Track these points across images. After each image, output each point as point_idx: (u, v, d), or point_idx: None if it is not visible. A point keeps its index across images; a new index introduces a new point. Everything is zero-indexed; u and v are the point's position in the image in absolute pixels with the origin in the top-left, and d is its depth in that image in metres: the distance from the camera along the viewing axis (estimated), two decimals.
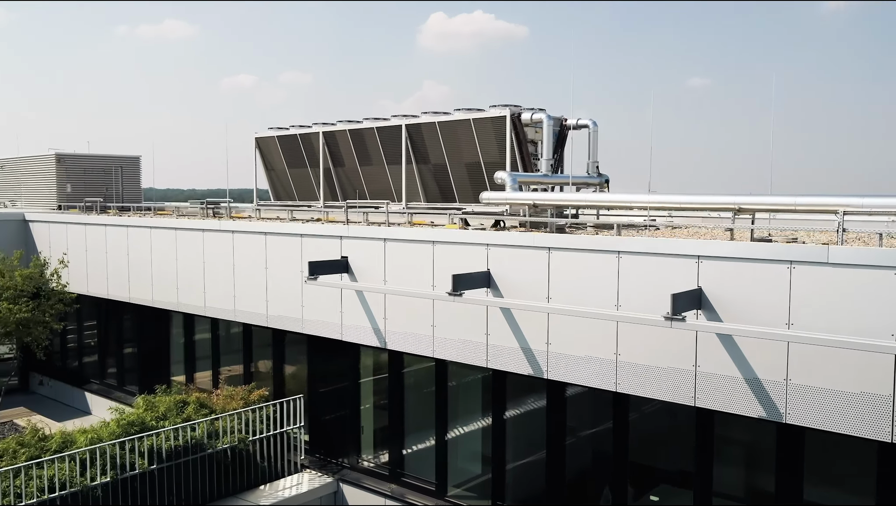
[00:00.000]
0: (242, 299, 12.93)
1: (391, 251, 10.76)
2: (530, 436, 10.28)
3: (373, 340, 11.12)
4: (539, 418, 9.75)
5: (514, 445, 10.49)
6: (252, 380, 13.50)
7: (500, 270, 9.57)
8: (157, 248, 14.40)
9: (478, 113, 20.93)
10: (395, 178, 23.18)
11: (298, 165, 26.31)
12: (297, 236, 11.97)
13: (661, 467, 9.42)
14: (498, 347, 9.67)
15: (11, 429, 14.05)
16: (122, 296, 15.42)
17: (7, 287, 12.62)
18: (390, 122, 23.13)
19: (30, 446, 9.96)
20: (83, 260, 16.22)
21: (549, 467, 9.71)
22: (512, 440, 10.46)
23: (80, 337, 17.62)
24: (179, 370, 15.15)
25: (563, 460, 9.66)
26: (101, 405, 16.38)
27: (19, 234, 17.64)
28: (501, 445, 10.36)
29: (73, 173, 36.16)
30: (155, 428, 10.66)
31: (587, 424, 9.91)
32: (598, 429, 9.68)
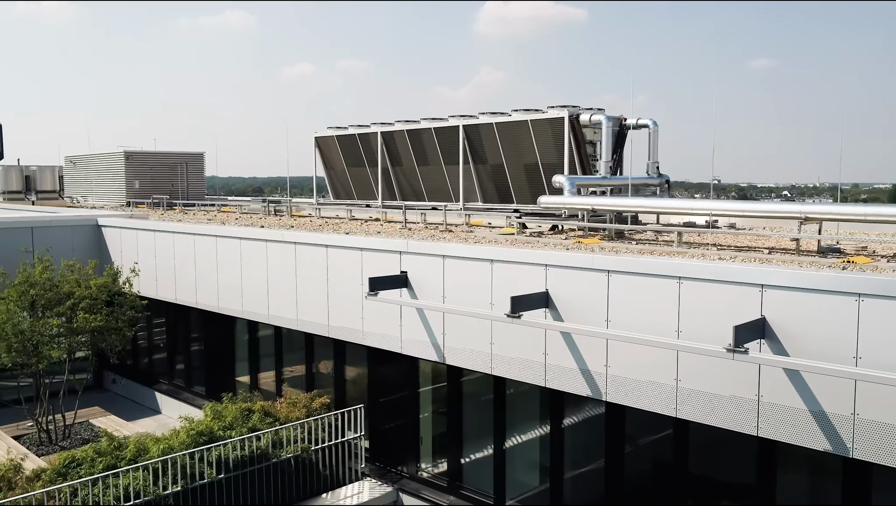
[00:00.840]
0: (304, 309, 13.23)
1: (450, 268, 10.86)
2: (588, 445, 10.31)
3: (432, 354, 11.27)
4: (598, 426, 9.73)
5: (572, 454, 10.53)
6: (314, 387, 13.83)
7: (559, 291, 9.58)
8: (223, 256, 14.82)
9: (536, 114, 20.85)
10: (453, 178, 23.29)
11: (357, 164, 26.67)
12: (357, 250, 12.17)
13: (723, 481, 9.32)
14: (556, 368, 9.70)
15: (87, 429, 14.71)
16: (189, 301, 15.93)
17: (84, 297, 13.17)
18: (448, 122, 23.23)
19: (106, 455, 10.44)
20: (152, 265, 16.80)
21: (607, 483, 9.72)
22: (570, 449, 10.51)
23: (150, 338, 18.28)
24: (244, 370, 15.61)
25: (622, 475, 9.66)
26: (171, 405, 17.03)
27: (93, 238, 18.33)
28: (559, 458, 10.42)
29: (141, 170, 37.38)
30: (222, 438, 11.04)
31: (647, 431, 9.83)
32: (658, 436, 9.59)
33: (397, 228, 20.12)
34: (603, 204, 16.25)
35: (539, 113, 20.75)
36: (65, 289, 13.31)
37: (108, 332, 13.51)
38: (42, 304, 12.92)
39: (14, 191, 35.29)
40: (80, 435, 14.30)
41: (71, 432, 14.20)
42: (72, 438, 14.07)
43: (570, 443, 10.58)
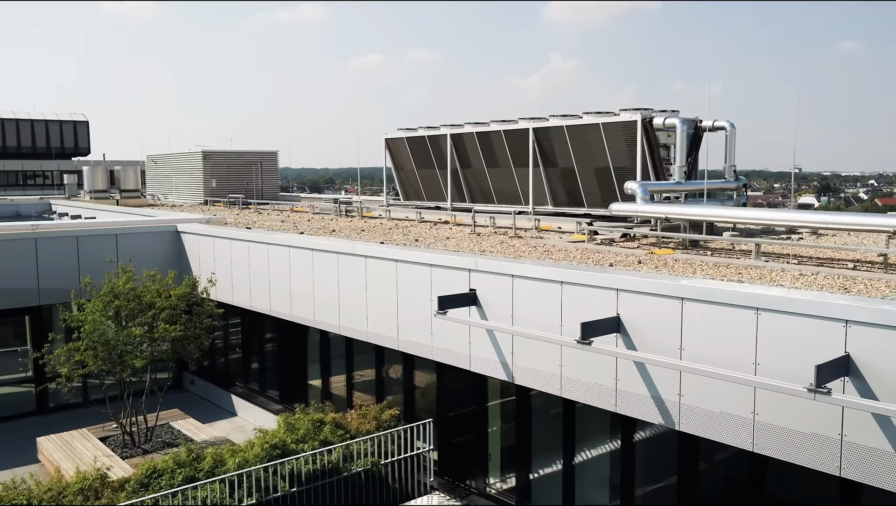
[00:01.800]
0: (374, 322, 13.39)
1: (519, 288, 10.78)
2: (660, 461, 10.13)
3: (500, 373, 11.24)
4: (670, 441, 9.52)
5: (643, 470, 10.37)
6: (384, 396, 14.01)
7: (630, 317, 9.40)
8: (296, 266, 15.11)
9: (608, 117, 20.49)
10: (522, 180, 23.14)
11: (426, 165, 26.77)
12: (426, 266, 12.21)
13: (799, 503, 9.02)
14: (627, 393, 9.54)
15: (168, 431, 15.28)
16: (263, 308, 16.33)
17: (164, 307, 13.66)
18: (518, 124, 23.07)
19: (185, 467, 10.83)
20: (228, 271, 17.27)
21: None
22: (641, 465, 10.35)
23: (227, 340, 18.82)
24: (316, 375, 15.93)
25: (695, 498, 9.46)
26: (245, 408, 17.53)
27: (172, 244, 18.96)
28: (630, 474, 10.28)
29: (218, 169, 38.47)
30: (295, 451, 11.30)
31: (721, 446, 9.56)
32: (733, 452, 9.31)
33: (466, 232, 20.15)
34: (676, 213, 15.88)
35: (611, 116, 20.38)
36: (147, 299, 13.82)
37: (186, 340, 13.96)
38: (125, 314, 13.45)
39: (100, 190, 36.81)
40: (161, 438, 14.85)
41: (152, 435, 14.76)
42: (153, 440, 14.63)
43: (641, 459, 10.42)
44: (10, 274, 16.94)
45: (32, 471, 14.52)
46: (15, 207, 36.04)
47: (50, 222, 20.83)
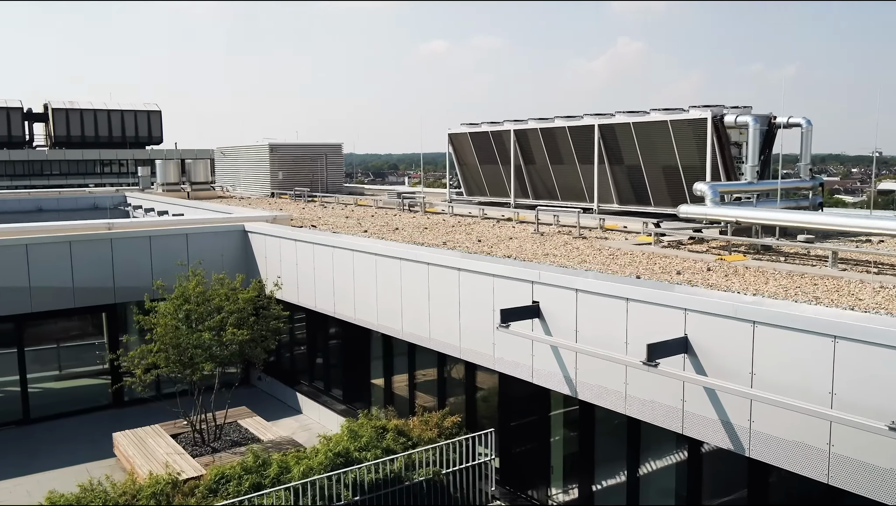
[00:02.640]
0: (437, 329, 13.40)
1: (583, 302, 10.61)
2: (729, 473, 9.86)
3: (563, 387, 11.11)
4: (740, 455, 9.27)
5: (711, 482, 10.12)
6: (445, 402, 14.04)
7: (699, 338, 9.13)
8: (359, 270, 15.23)
9: (676, 114, 19.96)
10: (587, 177, 22.79)
11: (490, 161, 26.63)
12: (489, 276, 12.13)
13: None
14: (695, 416, 9.30)
15: (235, 430, 15.67)
16: (327, 310, 16.54)
17: (232, 311, 13.97)
18: (582, 120, 22.69)
19: (252, 473, 11.08)
20: (294, 272, 17.55)
21: None
22: (709, 478, 10.10)
23: (293, 339, 19.14)
24: (379, 376, 16.06)
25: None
26: (310, 407, 17.84)
27: (240, 243, 19.37)
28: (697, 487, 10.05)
29: (284, 162, 39.14)
30: (358, 460, 11.43)
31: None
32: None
33: (529, 231, 19.96)
34: (748, 217, 15.37)
35: (680, 113, 19.84)
36: (215, 302, 14.16)
37: (253, 343, 14.26)
38: (195, 317, 13.81)
39: (172, 183, 37.89)
40: (229, 436, 15.24)
41: (221, 434, 15.15)
42: (222, 439, 15.03)
43: (708, 472, 10.16)
44: (89, 273, 17.60)
45: (109, 465, 15.21)
46: (93, 200, 37.41)
47: (124, 221, 21.52)
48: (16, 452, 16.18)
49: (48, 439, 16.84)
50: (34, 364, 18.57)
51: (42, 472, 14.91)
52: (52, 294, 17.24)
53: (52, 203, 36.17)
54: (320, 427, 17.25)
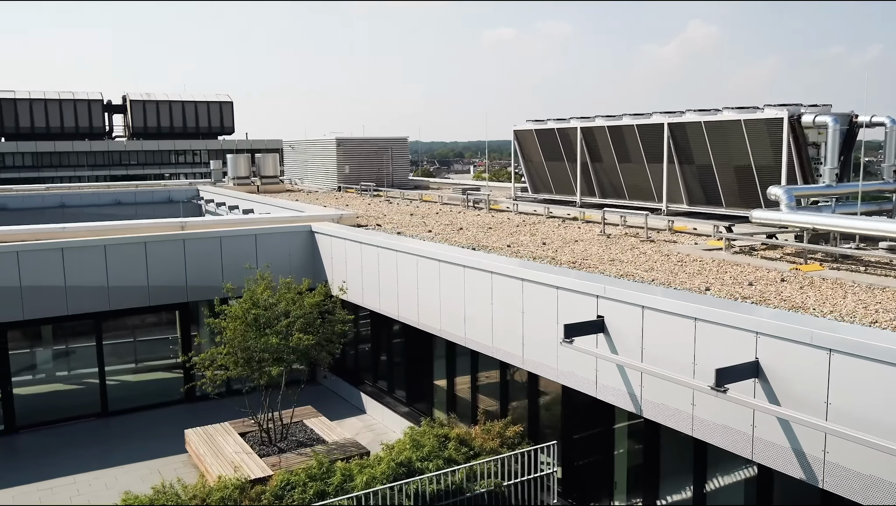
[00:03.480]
0: (499, 338, 13.34)
1: (649, 319, 10.38)
2: (801, 494, 9.54)
3: (628, 404, 10.92)
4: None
5: (781, 499, 9.80)
6: (507, 412, 14.00)
7: (771, 362, 8.82)
8: (423, 275, 15.28)
9: (750, 113, 19.33)
10: (656, 176, 22.29)
11: (555, 158, 26.32)
12: (553, 288, 11.99)
13: None
14: (765, 443, 9.01)
15: (301, 430, 15.98)
16: (391, 313, 16.67)
17: (299, 316, 14.22)
18: (651, 119, 22.19)
19: (317, 480, 11.29)
20: (359, 274, 17.73)
21: None
22: (780, 496, 9.78)
23: (358, 338, 19.37)
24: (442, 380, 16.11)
25: None
26: (374, 407, 18.05)
27: (306, 244, 19.68)
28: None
29: (351, 156, 39.54)
30: (420, 469, 11.51)
31: None
32: None
33: (595, 232, 19.67)
34: (826, 224, 14.76)
35: (754, 112, 19.19)
36: (282, 306, 14.43)
37: (319, 347, 14.49)
38: (263, 322, 14.11)
39: (242, 176, 38.75)
40: (295, 436, 15.55)
41: (287, 433, 15.47)
42: (287, 439, 15.34)
43: (779, 489, 9.84)
44: (163, 273, 18.18)
45: (181, 461, 15.74)
46: (167, 193, 38.62)
47: (197, 220, 22.13)
48: (95, 444, 16.90)
49: (124, 433, 17.53)
50: (112, 357, 19.34)
51: (118, 466, 15.53)
52: (129, 293, 17.88)
53: (129, 196, 37.49)
54: (383, 427, 17.46)
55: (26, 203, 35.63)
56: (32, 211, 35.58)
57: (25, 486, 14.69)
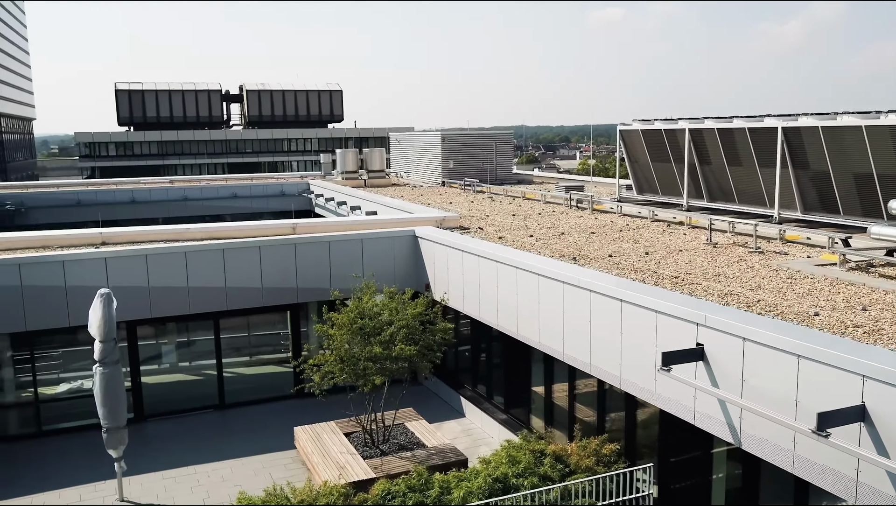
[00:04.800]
0: (597, 356, 13.39)
1: (751, 352, 10.20)
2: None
3: (726, 434, 10.79)
4: None
5: None
6: (604, 429, 14.05)
7: (879, 408, 8.53)
8: (522, 288, 15.47)
9: (871, 119, 18.44)
10: (767, 181, 21.54)
11: (662, 159, 25.81)
12: (652, 312, 11.93)
13: None
14: (869, 488, 8.74)
15: (402, 433, 16.56)
16: (490, 322, 16.96)
17: (401, 326, 14.74)
18: (764, 122, 21.46)
19: (416, 491, 11.76)
20: (460, 280, 18.11)
21: None
22: None
23: (458, 341, 19.74)
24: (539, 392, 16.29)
25: None
26: (473, 412, 18.46)
27: (410, 248, 20.24)
28: None
29: (455, 150, 40.02)
30: (515, 486, 11.79)
31: None
32: None
33: (702, 240, 19.25)
34: None
35: (875, 117, 18.21)
36: (385, 316, 14.99)
37: (420, 356, 14.97)
38: (367, 331, 14.71)
39: (350, 171, 39.92)
40: (396, 439, 16.15)
41: (389, 436, 16.09)
42: (389, 442, 15.95)
43: None
44: (275, 275, 19.18)
45: (291, 457, 16.68)
46: (280, 187, 40.32)
47: (307, 223, 23.14)
48: (213, 436, 18.13)
49: (239, 426, 18.70)
50: (228, 349, 20.60)
51: (233, 459, 16.62)
52: (244, 294, 18.98)
53: (245, 190, 39.41)
54: (481, 432, 17.84)
55: (153, 196, 38.10)
56: (158, 203, 38.07)
57: (152, 474, 15.98)
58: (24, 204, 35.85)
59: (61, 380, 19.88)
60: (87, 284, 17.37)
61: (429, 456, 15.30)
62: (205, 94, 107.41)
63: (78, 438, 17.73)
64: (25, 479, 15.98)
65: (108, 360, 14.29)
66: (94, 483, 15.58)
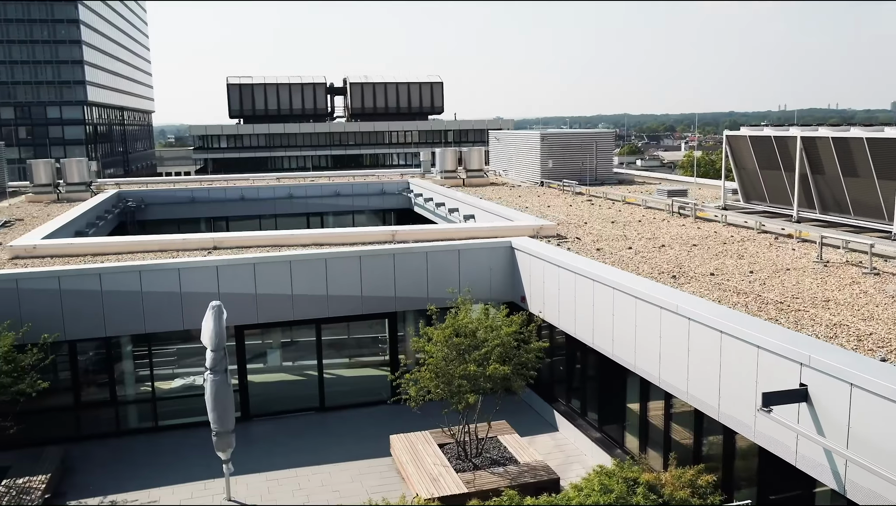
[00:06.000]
0: (695, 385, 13.13)
1: (858, 398, 9.77)
2: None
3: (829, 480, 10.39)
4: None
5: None
6: (700, 459, 13.76)
7: None
8: (619, 309, 15.31)
9: None
10: (887, 194, 20.45)
11: (771, 167, 24.85)
12: (753, 347, 11.59)
13: None
14: None
15: (495, 447, 16.72)
16: (586, 339, 16.87)
17: (496, 345, 14.87)
18: (884, 133, 20.30)
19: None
20: (556, 295, 18.08)
21: None
22: None
23: (553, 353, 19.73)
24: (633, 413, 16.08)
25: None
26: (566, 427, 18.44)
27: (506, 259, 20.33)
28: None
29: (554, 151, 39.71)
30: None
31: None
32: None
33: (812, 258, 18.45)
34: None
35: None
36: (480, 335, 15.16)
37: (514, 375, 15.08)
38: (462, 349, 14.94)
39: (449, 170, 40.33)
40: (489, 453, 16.33)
41: (481, 449, 16.28)
42: (482, 456, 16.15)
43: None
44: (375, 284, 19.71)
45: (386, 464, 17.19)
46: (381, 186, 41.18)
47: (405, 230, 23.61)
48: (312, 438, 18.87)
49: (337, 430, 19.38)
50: (328, 349, 21.32)
51: (332, 463, 17.26)
52: (345, 302, 19.61)
53: (346, 188, 40.48)
54: (574, 449, 17.80)
55: (261, 194, 39.73)
56: (265, 201, 39.68)
57: (257, 474, 16.82)
58: (145, 201, 38.11)
59: (175, 375, 21.16)
60: (200, 290, 18.43)
61: (521, 473, 15.43)
62: (310, 88, 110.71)
63: (191, 434, 18.82)
64: (144, 472, 17.15)
65: (218, 368, 15.11)
66: (205, 481, 16.54)
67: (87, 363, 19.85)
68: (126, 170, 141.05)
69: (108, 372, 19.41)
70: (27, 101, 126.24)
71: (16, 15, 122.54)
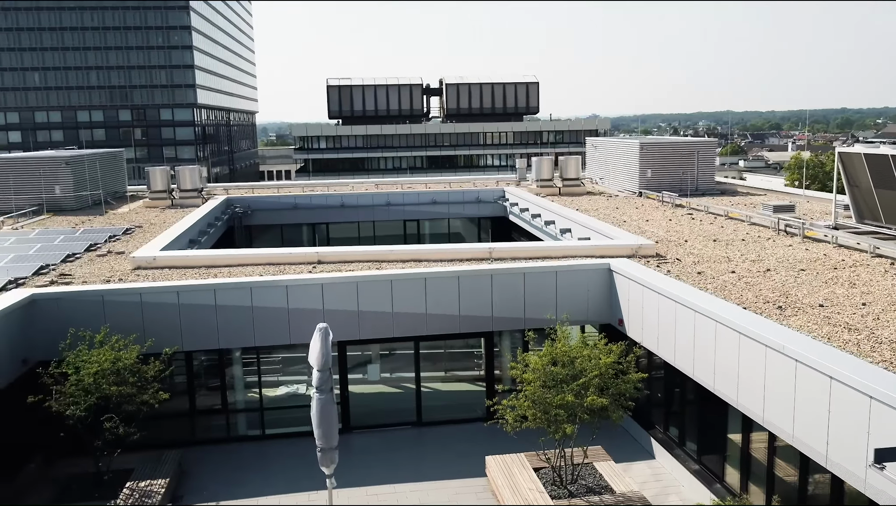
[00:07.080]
0: (801, 429, 12.77)
1: None
2: None
3: None
4: None
5: None
6: (805, 499, 13.41)
7: None
8: (721, 342, 15.05)
9: None
10: None
11: (888, 186, 23.79)
12: (865, 396, 11.19)
13: None
14: None
15: (591, 474, 16.72)
16: (686, 369, 16.65)
17: (594, 376, 14.87)
18: None
19: None
20: (655, 322, 17.89)
21: None
22: None
23: (651, 380, 19.53)
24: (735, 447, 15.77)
25: None
26: (663, 456, 18.25)
27: (604, 281, 20.22)
28: None
29: (653, 160, 39.07)
30: None
31: None
32: None
33: None
34: None
35: None
36: (578, 364, 15.22)
37: (612, 405, 15.07)
38: (560, 379, 15.05)
39: (545, 179, 40.35)
40: (584, 480, 16.38)
41: (577, 476, 16.34)
42: (577, 482, 16.21)
43: None
44: (472, 303, 20.04)
45: (481, 485, 17.52)
46: (476, 193, 41.56)
47: (503, 247, 23.83)
48: (411, 453, 19.42)
49: (434, 446, 19.86)
50: (426, 362, 21.82)
51: (429, 481, 17.72)
52: (443, 320, 20.02)
53: (442, 196, 41.10)
54: (672, 479, 17.60)
55: (360, 201, 40.87)
56: (364, 208, 40.78)
57: (358, 489, 17.45)
58: (251, 207, 39.88)
59: (280, 383, 22.17)
60: (306, 306, 19.25)
61: (616, 503, 15.42)
62: (407, 89, 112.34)
63: (296, 443, 19.68)
64: (253, 480, 18.10)
65: (324, 387, 15.75)
66: (308, 492, 17.31)
67: (199, 371, 21.09)
68: (231, 168, 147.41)
69: (219, 380, 20.56)
70: (143, 104, 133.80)
71: (133, 23, 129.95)
